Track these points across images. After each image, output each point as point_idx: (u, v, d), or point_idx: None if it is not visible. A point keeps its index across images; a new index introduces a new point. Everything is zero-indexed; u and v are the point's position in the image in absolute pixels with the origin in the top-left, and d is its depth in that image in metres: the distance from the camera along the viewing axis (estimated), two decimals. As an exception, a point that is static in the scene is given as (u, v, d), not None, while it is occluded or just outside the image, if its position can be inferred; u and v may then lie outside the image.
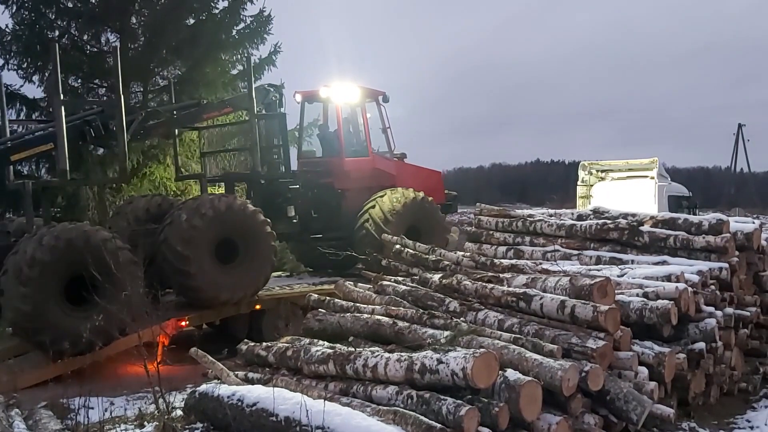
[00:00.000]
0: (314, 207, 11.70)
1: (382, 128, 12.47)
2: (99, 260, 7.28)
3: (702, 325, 6.35)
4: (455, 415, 4.27)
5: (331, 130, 12.44)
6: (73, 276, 7.73)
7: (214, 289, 8.91)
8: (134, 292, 7.03)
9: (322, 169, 11.90)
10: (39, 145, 9.09)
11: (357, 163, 11.93)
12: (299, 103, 12.42)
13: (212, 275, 8.86)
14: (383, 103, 12.41)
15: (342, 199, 11.81)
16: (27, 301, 7.60)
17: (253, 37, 14.96)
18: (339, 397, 5.02)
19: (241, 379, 5.94)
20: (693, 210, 15.99)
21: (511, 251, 8.81)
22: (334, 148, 12.04)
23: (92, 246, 7.80)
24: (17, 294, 7.62)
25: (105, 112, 9.37)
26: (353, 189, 11.77)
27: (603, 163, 17.77)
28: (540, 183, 68.48)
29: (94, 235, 8.03)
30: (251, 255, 9.19)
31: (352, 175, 11.80)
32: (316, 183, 11.77)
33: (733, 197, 50.97)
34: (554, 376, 4.67)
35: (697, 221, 7.62)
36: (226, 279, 9.00)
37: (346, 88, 12.05)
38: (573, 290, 5.78)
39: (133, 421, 5.90)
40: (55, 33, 13.81)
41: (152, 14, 14.35)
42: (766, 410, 6.51)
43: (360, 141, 12.44)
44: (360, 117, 12.39)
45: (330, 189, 11.83)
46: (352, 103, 12.27)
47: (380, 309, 6.59)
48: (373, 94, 12.37)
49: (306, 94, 12.44)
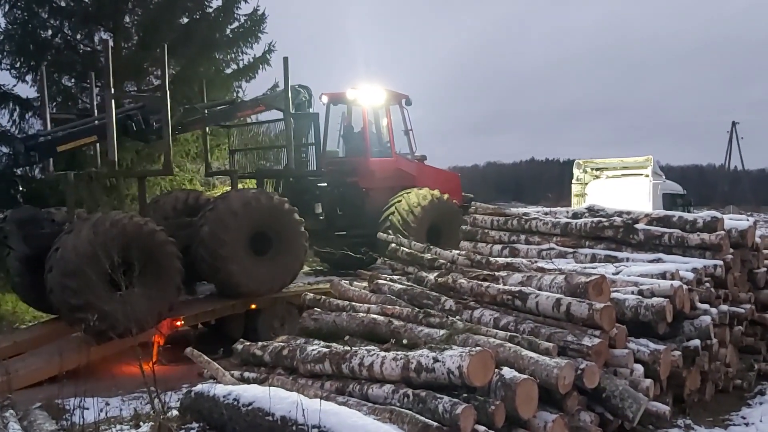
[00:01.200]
0: (339, 205, 12.15)
1: (404, 130, 12.97)
2: (145, 249, 7.98)
3: (697, 323, 6.37)
4: (451, 413, 4.28)
5: (355, 131, 12.90)
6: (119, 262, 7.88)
7: (248, 280, 9.16)
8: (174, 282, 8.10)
9: (347, 168, 12.27)
10: (83, 137, 9.32)
11: (381, 164, 12.43)
12: (325, 104, 12.77)
13: (247, 267, 9.13)
14: (406, 106, 12.89)
15: (366, 197, 12.26)
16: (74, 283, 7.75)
17: (248, 36, 14.93)
18: (335, 396, 5.02)
19: (236, 378, 5.93)
20: (687, 208, 16.05)
21: (507, 249, 8.82)
22: (359, 149, 12.50)
23: (141, 235, 8.18)
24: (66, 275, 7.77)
25: (146, 108, 9.59)
26: (377, 188, 12.22)
27: (598, 162, 17.82)
28: (535, 181, 68.53)
29: (143, 225, 8.32)
30: (284, 249, 9.52)
31: (377, 174, 12.29)
32: (342, 182, 12.20)
33: (727, 195, 51.08)
34: (550, 374, 4.67)
35: (691, 219, 7.64)
36: (260, 271, 9.27)
37: (372, 90, 12.50)
38: (568, 288, 5.79)
39: (128, 422, 5.88)
40: (47, 32, 13.76)
41: (146, 13, 14.32)
42: (761, 407, 6.53)
43: (384, 142, 12.91)
44: (384, 119, 12.86)
45: (355, 188, 12.31)
46: (377, 105, 12.70)
47: (376, 308, 6.59)
48: (397, 97, 12.82)
49: (332, 95, 12.88)
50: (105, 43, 9.02)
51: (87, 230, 7.96)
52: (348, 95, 12.58)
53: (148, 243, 8.17)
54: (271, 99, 11.04)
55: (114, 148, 8.68)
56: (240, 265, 9.06)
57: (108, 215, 8.34)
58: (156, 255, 8.23)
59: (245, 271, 9.10)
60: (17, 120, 13.45)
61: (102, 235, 7.94)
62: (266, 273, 9.32)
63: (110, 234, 7.99)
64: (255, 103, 11.15)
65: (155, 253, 8.23)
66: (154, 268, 8.11)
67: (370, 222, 11.76)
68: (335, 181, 12.12)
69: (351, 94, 12.53)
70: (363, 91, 12.49)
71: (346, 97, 12.67)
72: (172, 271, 8.39)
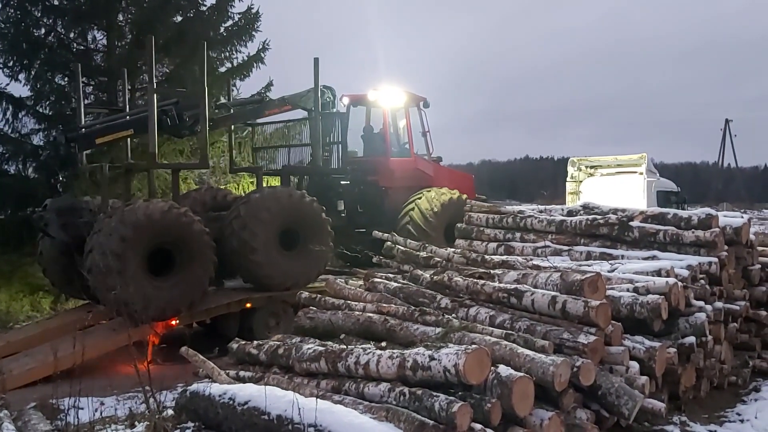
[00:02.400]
0: (360, 203, 12.51)
1: (422, 132, 13.28)
2: (183, 238, 8.44)
3: (692, 320, 6.38)
4: (448, 411, 4.27)
5: (375, 132, 13.19)
6: (156, 249, 8.43)
7: (276, 273, 9.42)
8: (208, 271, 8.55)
9: (367, 167, 12.59)
10: (120, 131, 9.72)
11: (401, 163, 12.76)
12: (346, 105, 13.01)
13: (275, 260, 9.42)
14: (424, 108, 13.18)
15: (385, 196, 12.58)
16: (114, 264, 7.98)
17: (242, 35, 14.88)
18: (331, 395, 5.01)
19: (232, 377, 5.92)
20: (682, 205, 16.09)
21: (502, 247, 8.83)
22: (379, 149, 12.78)
23: (180, 224, 8.52)
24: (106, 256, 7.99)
25: (179, 104, 9.91)
26: (396, 187, 12.53)
27: (592, 159, 17.86)
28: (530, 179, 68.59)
29: (182, 215, 8.61)
30: (311, 243, 9.75)
31: (396, 174, 12.60)
32: (363, 180, 12.51)
33: (720, 192, 51.28)
34: (546, 372, 4.67)
35: (686, 216, 7.66)
36: (287, 265, 9.52)
37: (392, 92, 12.81)
38: (564, 286, 5.80)
39: (123, 421, 5.86)
40: (40, 31, 13.70)
41: (139, 12, 14.25)
42: (756, 403, 6.57)
43: (402, 143, 13.24)
44: (403, 120, 13.15)
45: (375, 186, 12.58)
46: (396, 107, 12.99)
47: (371, 306, 6.58)
48: (415, 100, 13.11)
49: (353, 97, 13.11)
50: (149, 40, 9.31)
51: (128, 215, 8.22)
52: (369, 97, 12.91)
53: (186, 232, 8.52)
54: (297, 98, 11.25)
55: (155, 142, 9.10)
56: (269, 258, 9.34)
57: (149, 202, 8.60)
58: (192, 244, 8.56)
59: (274, 264, 9.38)
60: (10, 119, 13.37)
61: (142, 221, 8.22)
62: (293, 268, 9.56)
63: (150, 220, 8.28)
64: (282, 102, 11.39)
65: (192, 242, 8.56)
66: (190, 257, 8.53)
67: (389, 220, 11.99)
68: (356, 179, 12.49)
69: (372, 96, 12.86)
70: (384, 93, 12.82)
71: (367, 98, 12.99)
72: (206, 260, 8.69)
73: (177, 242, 8.45)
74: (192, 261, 8.55)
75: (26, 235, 12.55)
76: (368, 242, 10.85)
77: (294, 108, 11.56)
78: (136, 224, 8.17)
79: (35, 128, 13.55)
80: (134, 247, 8.14)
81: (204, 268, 8.70)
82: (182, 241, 8.49)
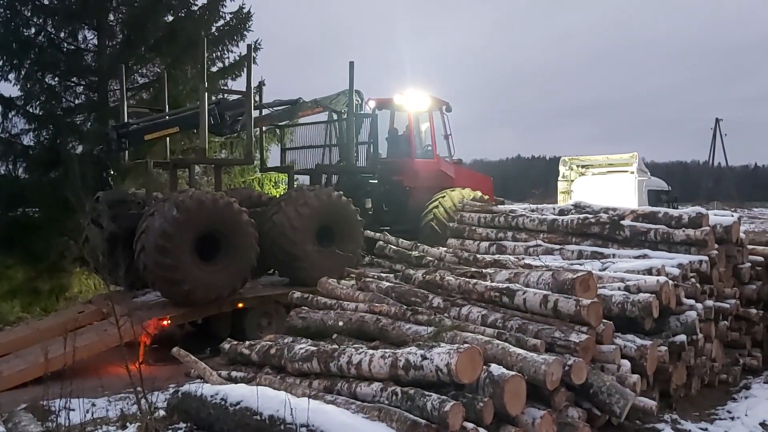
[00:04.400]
0: (385, 201, 13.10)
1: (444, 135, 13.82)
2: (230, 226, 8.87)
3: (683, 318, 6.40)
4: (440, 410, 4.27)
5: (399, 134, 13.79)
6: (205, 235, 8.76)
7: (313, 268, 9.60)
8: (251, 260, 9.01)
9: (393, 167, 13.13)
10: (167, 128, 10.27)
11: (424, 165, 13.32)
12: (371, 109, 13.37)
13: (312, 255, 9.80)
14: (446, 113, 13.74)
15: (409, 196, 13.10)
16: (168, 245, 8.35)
17: (233, 35, 14.84)
18: (323, 395, 5.00)
19: (224, 378, 5.91)
20: (672, 204, 16.16)
21: (494, 246, 8.84)
22: (404, 150, 13.41)
23: (228, 214, 8.92)
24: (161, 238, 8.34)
25: (221, 104, 10.39)
26: (419, 187, 13.03)
27: (583, 159, 17.92)
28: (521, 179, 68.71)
29: (231, 205, 9.00)
30: (344, 240, 10.13)
31: (420, 174, 13.15)
32: (388, 180, 13.05)
33: (711, 191, 51.49)
34: (538, 371, 4.68)
35: (677, 215, 7.69)
36: (323, 261, 9.78)
37: (417, 97, 13.41)
38: (555, 285, 5.81)
39: (115, 422, 5.83)
40: (31, 30, 13.61)
41: (130, 11, 14.19)
42: (746, 401, 6.58)
43: (425, 145, 13.85)
44: (426, 123, 13.83)
45: (400, 186, 13.16)
46: (421, 111, 13.59)
47: (364, 306, 6.57)
48: (439, 104, 13.67)
49: (379, 101, 13.60)
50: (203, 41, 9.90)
51: (182, 200, 8.60)
52: (395, 101, 13.48)
53: (234, 221, 8.93)
54: (328, 101, 11.80)
55: (205, 138, 9.64)
56: (306, 253, 9.69)
57: (201, 192, 9.11)
58: (238, 233, 8.95)
59: (311, 259, 9.73)
60: (0, 119, 13.29)
61: (194, 206, 8.61)
62: (327, 264, 9.71)
63: (202, 206, 8.67)
64: (314, 105, 11.82)
65: (238, 231, 8.96)
66: (235, 245, 8.93)
67: (412, 218, 12.56)
68: (382, 179, 12.99)
69: (398, 100, 13.44)
70: (409, 97, 13.39)
71: (393, 102, 13.56)
72: (249, 250, 9.06)
73: (224, 230, 8.85)
74: (237, 249, 8.95)
75: (16, 235, 12.52)
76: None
77: (325, 110, 12.05)
78: (189, 208, 8.53)
79: (25, 128, 13.48)
80: (185, 230, 8.49)
81: (247, 257, 9.06)
82: (229, 229, 8.89)
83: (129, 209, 9.65)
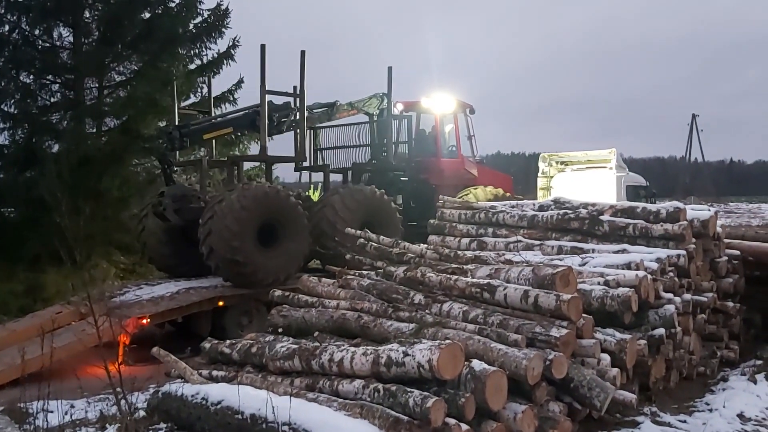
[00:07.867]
0: (413, 198, 13.77)
1: (467, 136, 14.75)
2: (287, 215, 9.78)
3: (661, 312, 6.47)
4: (422, 406, 4.28)
5: (426, 135, 14.59)
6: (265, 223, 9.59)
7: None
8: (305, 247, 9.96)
9: (419, 166, 13.77)
10: (222, 128, 11.25)
11: (450, 164, 14.21)
12: (399, 111, 13.99)
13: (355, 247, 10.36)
14: (470, 115, 14.69)
15: (435, 193, 13.30)
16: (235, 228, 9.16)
17: (211, 32, 14.71)
18: (305, 393, 4.98)
19: (205, 377, 5.86)
20: (650, 199, 16.29)
21: (474, 243, 8.86)
22: (431, 150, 14.18)
23: (286, 205, 9.83)
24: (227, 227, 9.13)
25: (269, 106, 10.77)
26: (445, 185, 13.62)
27: (563, 155, 18.00)
28: (501, 175, 68.78)
29: (288, 196, 9.96)
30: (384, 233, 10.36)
31: (445, 173, 14.03)
32: (416, 178, 13.74)
33: (688, 186, 51.97)
34: (519, 366, 4.71)
35: (655, 210, 7.76)
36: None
37: (443, 99, 14.27)
38: (536, 280, 5.84)
39: (94, 424, 5.79)
40: (4, 28, 13.37)
41: (106, 8, 13.98)
42: (724, 393, 6.66)
43: (450, 145, 14.65)
44: (451, 124, 14.57)
45: (426, 184, 13.84)
46: (447, 113, 14.42)
47: (345, 303, 6.56)
48: (463, 106, 14.61)
49: (407, 103, 14.42)
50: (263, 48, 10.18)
51: (248, 190, 9.51)
52: (422, 103, 14.33)
53: (292, 212, 9.84)
54: (361, 104, 12.48)
55: (266, 137, 10.41)
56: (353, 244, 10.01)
57: (262, 185, 10.25)
58: (294, 223, 9.84)
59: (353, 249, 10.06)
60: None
61: (260, 196, 9.55)
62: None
63: (266, 197, 9.62)
64: (350, 107, 12.46)
65: (294, 221, 9.85)
66: (291, 234, 9.80)
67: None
68: (410, 177, 13.58)
69: (425, 102, 14.29)
70: (435, 100, 14.21)
71: (420, 104, 14.40)
72: (303, 239, 9.96)
73: (282, 220, 9.72)
74: (293, 238, 9.81)
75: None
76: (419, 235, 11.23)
77: (359, 112, 12.61)
78: (254, 197, 9.42)
79: (0, 127, 13.27)
80: (250, 217, 9.32)
81: (301, 245, 9.93)
82: (287, 219, 9.78)
83: (190, 203, 10.48)
